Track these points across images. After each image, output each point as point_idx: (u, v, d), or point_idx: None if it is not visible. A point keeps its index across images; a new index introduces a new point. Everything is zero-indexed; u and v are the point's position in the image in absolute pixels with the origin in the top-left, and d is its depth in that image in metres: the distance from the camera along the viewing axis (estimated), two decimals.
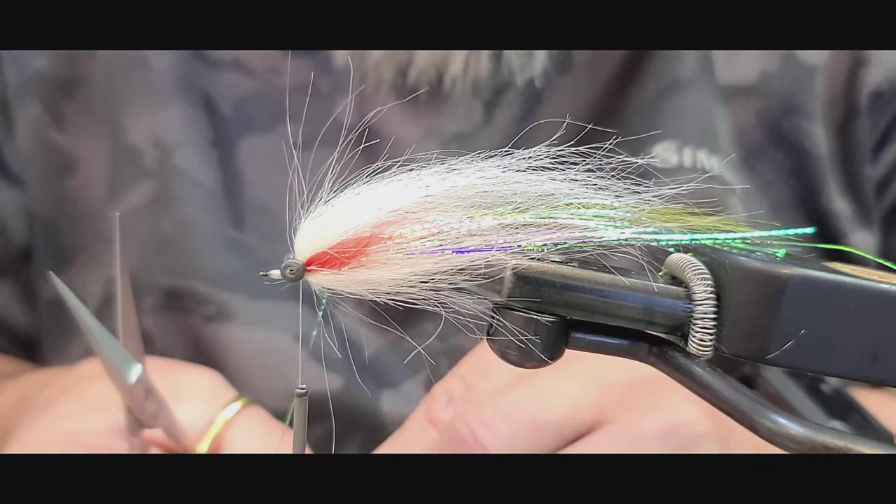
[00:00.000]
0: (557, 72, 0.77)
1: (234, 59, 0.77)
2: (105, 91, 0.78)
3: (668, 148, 0.76)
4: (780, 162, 0.79)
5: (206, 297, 0.75)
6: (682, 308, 0.39)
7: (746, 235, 0.41)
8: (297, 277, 0.41)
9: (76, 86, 0.79)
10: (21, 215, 0.81)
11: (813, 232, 0.42)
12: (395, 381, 0.75)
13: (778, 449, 0.37)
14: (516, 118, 0.77)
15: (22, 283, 0.83)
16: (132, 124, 0.77)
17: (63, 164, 0.80)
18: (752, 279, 0.38)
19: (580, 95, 0.78)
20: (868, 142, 0.79)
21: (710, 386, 0.39)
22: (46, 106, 0.79)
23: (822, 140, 0.78)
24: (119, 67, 0.78)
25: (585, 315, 0.40)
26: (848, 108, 0.78)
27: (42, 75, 0.79)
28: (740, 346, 0.38)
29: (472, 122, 0.77)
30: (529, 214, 0.40)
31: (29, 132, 0.79)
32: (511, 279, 0.39)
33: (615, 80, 0.78)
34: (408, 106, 0.76)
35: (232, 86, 0.77)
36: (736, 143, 0.78)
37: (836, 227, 0.79)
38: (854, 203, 0.79)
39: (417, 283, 0.40)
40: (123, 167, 0.77)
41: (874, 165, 0.80)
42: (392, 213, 0.40)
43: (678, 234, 0.41)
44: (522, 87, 0.76)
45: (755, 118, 0.79)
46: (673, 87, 0.77)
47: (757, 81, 0.79)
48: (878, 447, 0.36)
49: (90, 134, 0.79)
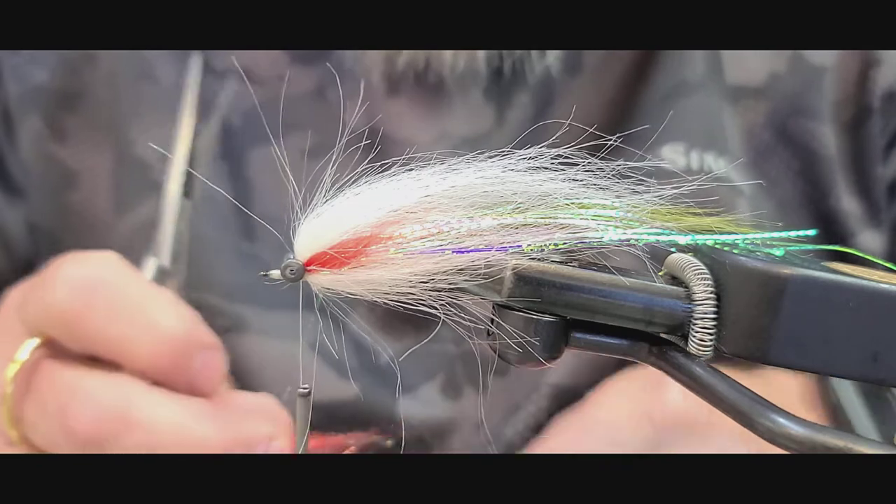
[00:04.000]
0: (569, 74, 0.77)
1: (242, 69, 0.77)
2: (109, 104, 0.78)
3: (675, 150, 0.76)
4: (787, 162, 0.79)
5: (219, 309, 0.74)
6: (682, 308, 0.39)
7: (748, 236, 0.41)
8: (297, 277, 0.41)
9: (78, 99, 0.79)
10: (24, 228, 0.81)
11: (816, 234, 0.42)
12: (412, 386, 0.75)
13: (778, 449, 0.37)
14: (528, 120, 0.77)
15: None
16: (139, 137, 0.77)
17: (65, 178, 0.79)
18: (753, 279, 0.38)
19: (591, 97, 0.78)
20: (880, 142, 0.79)
21: (710, 386, 0.39)
22: (47, 120, 0.79)
23: (831, 140, 0.78)
24: (125, 80, 0.78)
25: (585, 315, 0.40)
26: (860, 109, 0.78)
27: (43, 88, 0.78)
28: (740, 346, 0.38)
29: (484, 125, 0.77)
30: (529, 214, 0.40)
31: (30, 145, 0.79)
32: (511, 279, 0.39)
33: (625, 82, 0.78)
34: (419, 109, 0.76)
35: (239, 96, 0.77)
36: (744, 143, 0.79)
37: (844, 226, 0.79)
38: (864, 203, 0.80)
39: (417, 284, 0.40)
40: (131, 181, 0.77)
41: (886, 165, 0.80)
42: (392, 213, 0.40)
43: (679, 234, 0.41)
44: (534, 86, 0.76)
45: (764, 119, 0.79)
46: (681, 89, 0.77)
47: (765, 82, 0.79)
48: (878, 447, 0.36)
49: (93, 147, 0.79)
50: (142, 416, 0.52)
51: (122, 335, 0.53)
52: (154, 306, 0.55)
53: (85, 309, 0.53)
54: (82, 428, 0.52)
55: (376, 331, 0.73)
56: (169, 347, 0.54)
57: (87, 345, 0.54)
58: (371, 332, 0.72)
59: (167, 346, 0.54)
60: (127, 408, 0.52)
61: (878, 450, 0.36)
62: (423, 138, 0.76)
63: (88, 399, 0.52)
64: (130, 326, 0.53)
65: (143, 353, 0.53)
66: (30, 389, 0.55)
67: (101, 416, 0.52)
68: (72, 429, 0.52)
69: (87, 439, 0.52)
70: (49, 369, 0.55)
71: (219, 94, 0.77)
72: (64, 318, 0.54)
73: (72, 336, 0.54)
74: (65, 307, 0.53)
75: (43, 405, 0.54)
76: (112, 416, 0.52)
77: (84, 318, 0.53)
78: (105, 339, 0.54)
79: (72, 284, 0.54)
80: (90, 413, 0.52)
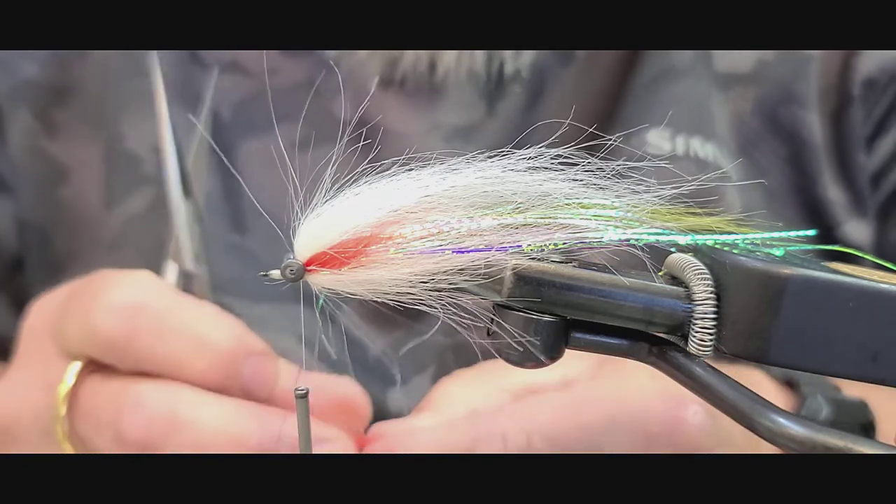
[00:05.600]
0: (560, 64, 0.77)
1: (231, 62, 0.77)
2: (99, 98, 0.78)
3: (661, 135, 0.76)
4: (775, 150, 0.79)
5: (207, 301, 0.75)
6: (682, 308, 0.39)
7: (748, 236, 0.41)
8: (297, 277, 0.41)
9: (68, 93, 0.78)
10: (12, 225, 0.80)
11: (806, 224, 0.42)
12: (403, 379, 0.75)
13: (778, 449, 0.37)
14: (519, 110, 0.77)
15: (12, 294, 0.82)
16: (129, 131, 0.77)
17: (55, 172, 0.79)
18: (753, 279, 0.38)
19: (582, 86, 0.78)
20: (861, 130, 0.79)
21: (710, 386, 0.39)
22: (37, 114, 0.78)
23: (818, 128, 0.79)
24: (115, 75, 0.77)
25: (585, 315, 0.40)
26: (841, 97, 0.79)
27: (33, 82, 0.78)
28: (740, 346, 0.38)
29: (475, 116, 0.77)
30: (529, 214, 0.40)
31: (20, 140, 0.79)
32: (511, 279, 0.39)
33: (615, 70, 0.78)
34: (408, 101, 0.75)
35: (229, 89, 0.77)
36: (733, 130, 0.79)
37: (830, 215, 0.79)
38: (848, 192, 0.80)
39: (417, 284, 0.40)
40: (121, 174, 0.77)
41: (869, 155, 0.80)
42: (392, 212, 0.40)
43: (679, 234, 0.41)
44: (525, 77, 0.76)
45: (752, 106, 0.79)
46: (669, 74, 0.77)
47: (753, 69, 0.79)
48: (878, 447, 0.36)
49: (83, 141, 0.79)
50: (189, 417, 0.54)
51: (172, 355, 0.55)
52: (200, 322, 0.56)
53: (132, 334, 0.54)
54: (135, 434, 0.53)
55: (367, 323, 0.73)
56: (219, 361, 0.55)
57: (135, 366, 0.55)
58: (361, 325, 0.72)
59: (218, 360, 0.55)
60: (175, 411, 0.54)
61: (878, 450, 0.36)
62: (415, 129, 0.75)
63: (138, 406, 0.54)
64: (179, 346, 0.55)
65: (195, 370, 0.55)
66: (78, 404, 0.56)
67: (152, 421, 0.53)
68: (125, 436, 0.54)
69: (139, 445, 0.53)
70: (95, 383, 0.56)
71: (207, 86, 0.77)
72: (111, 345, 0.55)
73: (119, 360, 0.56)
74: (112, 334, 0.55)
75: (95, 418, 0.55)
76: (162, 420, 0.53)
77: (132, 342, 0.54)
78: (154, 360, 0.55)
79: (116, 311, 0.55)
80: (141, 419, 0.53)
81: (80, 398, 0.56)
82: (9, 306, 0.82)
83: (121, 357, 0.55)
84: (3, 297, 0.83)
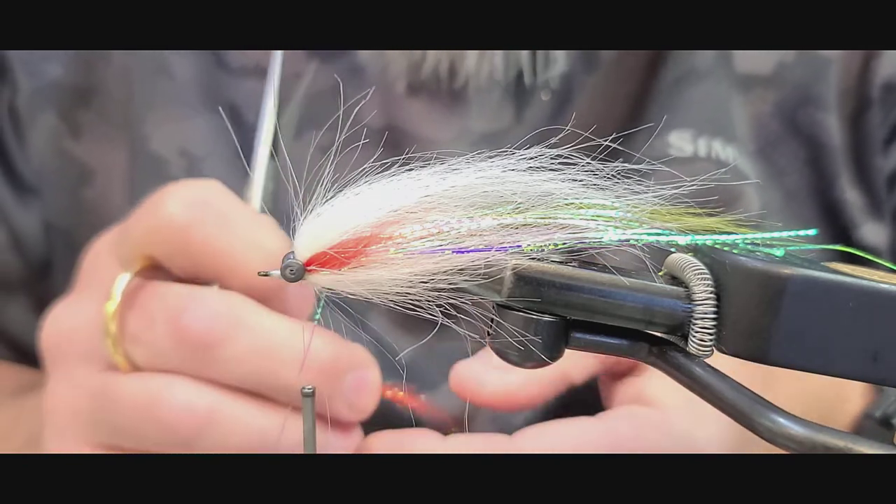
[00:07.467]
0: (586, 72, 0.78)
1: (257, 66, 0.77)
2: (124, 99, 0.78)
3: (682, 137, 0.76)
4: (795, 152, 0.80)
5: None
6: (682, 308, 0.39)
7: (748, 236, 0.41)
8: (297, 277, 0.41)
9: (92, 94, 0.79)
10: (38, 228, 0.80)
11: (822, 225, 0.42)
12: (434, 384, 0.75)
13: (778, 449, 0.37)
14: (547, 116, 0.77)
15: (37, 297, 0.82)
16: (154, 132, 0.77)
17: (80, 174, 0.79)
18: (753, 279, 0.38)
19: (609, 91, 0.78)
20: (880, 133, 0.79)
21: (710, 386, 0.39)
22: (62, 115, 0.79)
23: (836, 131, 0.79)
24: (139, 76, 0.78)
25: (585, 315, 0.40)
26: (860, 99, 0.79)
27: (57, 84, 0.78)
28: (740, 346, 0.38)
29: (503, 122, 0.77)
30: (529, 214, 0.40)
31: (44, 142, 0.79)
32: (511, 279, 0.39)
33: (638, 74, 0.79)
34: (437, 107, 0.76)
35: (255, 94, 0.77)
36: (753, 132, 0.79)
37: (848, 217, 0.80)
38: (866, 194, 0.80)
39: (417, 284, 0.40)
40: (146, 176, 0.77)
41: (886, 158, 0.80)
42: (392, 212, 0.40)
43: (679, 234, 0.41)
44: (553, 84, 0.77)
45: (772, 108, 0.79)
46: (691, 76, 0.78)
47: (774, 71, 0.79)
48: (878, 447, 0.36)
49: (107, 143, 0.79)
50: (254, 321, 0.54)
51: (231, 249, 0.55)
52: (259, 226, 0.56)
53: (196, 221, 0.55)
54: (198, 326, 0.53)
55: (396, 329, 0.73)
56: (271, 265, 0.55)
57: (195, 259, 0.55)
58: (390, 330, 0.72)
59: (269, 264, 0.55)
60: (238, 312, 0.54)
61: (878, 450, 0.36)
62: (443, 136, 0.76)
63: (203, 303, 0.54)
64: (239, 241, 0.55)
65: (250, 270, 0.54)
66: (133, 306, 0.56)
67: (216, 317, 0.53)
68: (186, 330, 0.53)
69: (198, 340, 0.53)
70: (153, 287, 0.56)
71: (238, 92, 0.77)
72: (175, 231, 0.55)
73: (181, 249, 0.55)
74: (177, 220, 0.55)
75: (150, 316, 0.55)
76: (226, 318, 0.53)
77: (195, 230, 0.55)
78: (213, 251, 0.55)
79: (183, 201, 0.55)
80: (205, 313, 0.53)
81: (139, 299, 0.56)
82: (32, 311, 0.82)
83: (182, 246, 0.55)
84: (28, 302, 0.83)
